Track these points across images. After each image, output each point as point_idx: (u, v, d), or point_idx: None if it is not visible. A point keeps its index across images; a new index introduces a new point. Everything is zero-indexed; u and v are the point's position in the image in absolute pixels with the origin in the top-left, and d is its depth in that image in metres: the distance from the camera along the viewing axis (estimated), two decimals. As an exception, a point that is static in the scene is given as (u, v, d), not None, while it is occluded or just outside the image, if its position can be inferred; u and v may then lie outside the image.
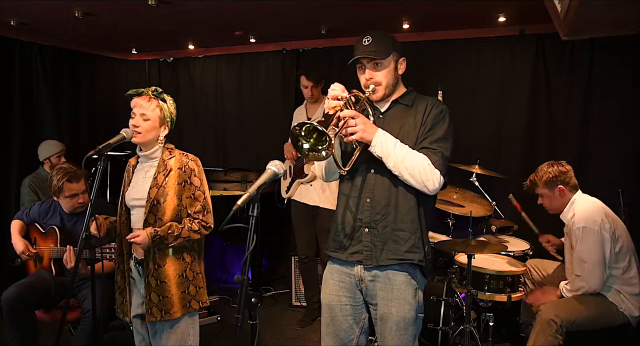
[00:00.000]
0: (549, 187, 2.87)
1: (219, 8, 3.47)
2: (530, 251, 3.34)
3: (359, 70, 2.00)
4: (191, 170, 2.27)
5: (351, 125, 1.82)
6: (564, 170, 2.85)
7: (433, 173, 1.87)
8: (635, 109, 3.72)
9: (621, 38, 3.60)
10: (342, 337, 2.05)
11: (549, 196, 2.89)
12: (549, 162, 2.92)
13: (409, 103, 2.01)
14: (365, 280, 2.00)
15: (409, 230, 1.94)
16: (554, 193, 2.87)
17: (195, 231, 2.23)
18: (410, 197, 1.94)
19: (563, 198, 2.87)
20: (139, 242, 2.13)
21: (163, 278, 2.22)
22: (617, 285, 2.73)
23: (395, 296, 1.94)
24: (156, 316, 2.21)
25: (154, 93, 2.25)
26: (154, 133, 2.25)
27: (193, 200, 2.26)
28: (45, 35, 4.27)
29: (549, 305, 2.77)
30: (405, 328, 1.94)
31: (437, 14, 3.66)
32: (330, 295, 2.08)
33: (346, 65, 2.01)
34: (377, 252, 1.95)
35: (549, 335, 2.62)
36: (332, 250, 2.08)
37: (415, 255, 1.94)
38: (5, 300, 2.81)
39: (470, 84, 4.20)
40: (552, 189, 2.86)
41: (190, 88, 5.21)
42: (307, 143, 1.76)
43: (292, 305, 4.26)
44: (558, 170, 2.85)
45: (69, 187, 2.94)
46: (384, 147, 1.86)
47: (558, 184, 2.84)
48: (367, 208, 1.97)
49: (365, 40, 1.93)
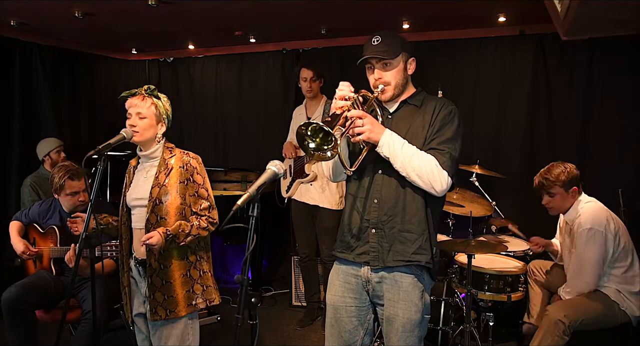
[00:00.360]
0: (565, 187, 2.83)
1: (219, 8, 3.47)
2: (530, 251, 3.34)
3: (368, 70, 1.99)
4: (193, 168, 2.28)
5: (358, 125, 1.81)
6: (577, 172, 2.85)
7: (441, 174, 1.85)
8: (635, 109, 3.72)
9: (621, 38, 3.61)
10: (346, 338, 2.04)
11: (563, 196, 2.86)
12: (560, 163, 2.89)
13: (418, 103, 2.00)
14: (372, 281, 1.98)
15: (416, 231, 1.92)
16: (568, 194, 2.85)
17: (203, 228, 2.25)
18: (418, 198, 1.93)
19: (574, 199, 2.86)
20: (153, 242, 2.11)
21: (168, 278, 2.22)
22: (618, 284, 2.74)
23: (402, 298, 1.93)
24: (161, 315, 2.21)
25: (147, 91, 2.26)
26: (152, 131, 2.26)
27: (197, 198, 2.27)
28: (45, 35, 4.27)
29: (556, 304, 2.78)
30: (412, 329, 1.93)
31: (437, 14, 3.67)
32: (335, 296, 2.07)
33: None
34: (384, 253, 1.94)
35: (556, 335, 2.61)
36: (339, 250, 2.07)
37: (422, 257, 1.92)
38: (5, 300, 2.81)
39: (470, 83, 4.20)
40: (567, 190, 2.84)
41: (190, 88, 5.22)
42: (313, 143, 1.76)
43: (292, 305, 4.26)
44: (573, 171, 2.84)
45: (70, 185, 2.94)
46: (392, 147, 1.84)
47: (574, 185, 2.83)
48: (374, 208, 1.96)
49: (375, 40, 1.92)
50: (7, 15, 3.65)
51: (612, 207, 2.90)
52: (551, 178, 2.85)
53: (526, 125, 4.05)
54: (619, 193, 3.30)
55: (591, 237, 2.69)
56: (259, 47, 4.75)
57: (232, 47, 4.88)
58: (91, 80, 4.90)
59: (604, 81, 3.80)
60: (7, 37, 4.06)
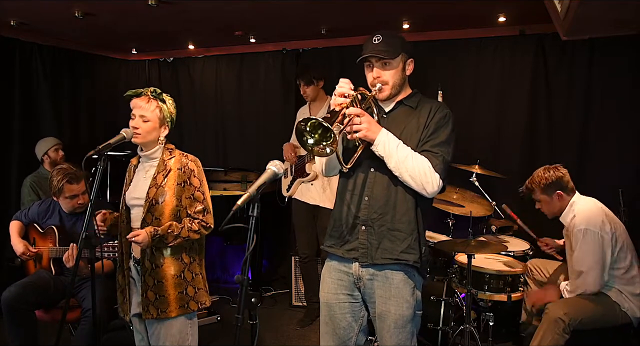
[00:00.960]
0: (547, 193, 2.86)
1: (219, 8, 3.47)
2: (530, 251, 3.34)
3: (367, 69, 2.01)
4: (191, 171, 2.27)
5: (356, 123, 1.83)
6: (560, 175, 2.84)
7: (433, 176, 1.88)
8: (635, 109, 3.72)
9: (621, 38, 3.61)
10: (341, 335, 2.06)
11: (547, 201, 2.89)
12: (544, 167, 2.91)
13: (414, 105, 2.02)
14: (363, 278, 2.01)
15: (405, 230, 1.95)
16: (552, 198, 2.86)
17: (195, 231, 2.23)
18: (409, 197, 1.95)
19: (562, 202, 2.87)
20: (139, 240, 2.13)
21: (160, 278, 2.22)
22: (619, 285, 2.74)
23: (394, 295, 1.96)
24: (152, 314, 2.21)
25: (152, 94, 2.25)
26: (154, 134, 2.26)
27: (193, 201, 2.27)
28: (45, 35, 4.27)
29: (557, 303, 2.77)
30: (404, 325, 1.96)
31: (437, 14, 3.67)
32: (328, 294, 2.09)
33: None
34: (373, 250, 1.96)
35: (556, 333, 2.62)
36: (328, 245, 2.10)
37: (410, 256, 1.95)
38: (5, 300, 2.81)
39: (470, 84, 4.20)
40: (550, 195, 2.86)
41: (190, 88, 5.21)
42: (311, 139, 1.77)
43: (292, 305, 4.26)
44: (555, 175, 2.84)
45: (69, 188, 2.94)
46: (387, 146, 1.87)
47: (556, 189, 2.84)
48: (365, 206, 1.98)
49: (375, 39, 1.93)
50: (7, 15, 3.65)
51: (612, 207, 2.90)
52: (532, 186, 2.91)
53: (526, 125, 4.05)
54: (619, 193, 3.30)
55: (585, 238, 2.69)
56: (259, 47, 4.75)
57: (232, 47, 4.88)
58: (91, 80, 4.90)
59: (604, 81, 3.79)
60: (7, 37, 4.06)
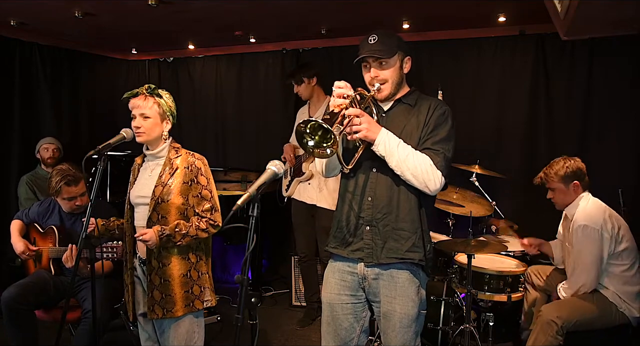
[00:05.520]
0: (564, 182, 2.84)
1: (219, 8, 3.47)
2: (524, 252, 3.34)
3: (364, 69, 2.01)
4: (198, 169, 2.28)
5: (356, 123, 1.83)
6: (580, 166, 2.84)
7: (435, 173, 1.88)
8: (635, 109, 3.72)
9: (621, 38, 3.61)
10: (342, 336, 2.06)
11: (564, 191, 2.86)
12: (564, 157, 2.90)
13: (412, 103, 2.02)
14: (368, 278, 2.01)
15: (409, 229, 1.95)
16: (568, 188, 2.85)
17: (203, 230, 2.24)
18: (411, 196, 1.95)
19: (576, 194, 2.86)
20: (146, 239, 2.13)
21: (167, 276, 2.22)
22: (616, 285, 2.73)
23: (399, 294, 1.96)
24: (157, 314, 2.21)
25: (147, 90, 2.25)
26: (158, 131, 2.26)
27: (200, 199, 2.27)
28: (45, 35, 4.27)
29: (550, 305, 2.77)
30: (409, 324, 1.96)
31: (437, 14, 3.66)
32: (331, 294, 2.09)
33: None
34: (378, 250, 1.96)
35: (549, 335, 2.62)
36: (333, 246, 2.09)
37: (415, 255, 1.95)
38: (5, 300, 2.81)
39: (470, 83, 4.20)
40: (567, 184, 2.84)
41: (190, 88, 5.22)
42: (312, 141, 1.77)
43: (292, 305, 4.26)
44: (576, 165, 2.83)
45: (67, 190, 2.92)
46: (387, 146, 1.87)
47: (574, 179, 2.83)
48: (368, 206, 1.98)
49: (371, 39, 1.93)
50: (7, 15, 3.65)
51: (612, 207, 2.89)
52: (550, 174, 2.88)
53: (526, 125, 4.05)
54: (619, 193, 3.29)
55: (585, 234, 2.69)
56: (259, 47, 4.75)
57: (232, 47, 4.88)
58: (91, 80, 4.90)
59: (604, 81, 3.80)
60: (7, 37, 4.06)
